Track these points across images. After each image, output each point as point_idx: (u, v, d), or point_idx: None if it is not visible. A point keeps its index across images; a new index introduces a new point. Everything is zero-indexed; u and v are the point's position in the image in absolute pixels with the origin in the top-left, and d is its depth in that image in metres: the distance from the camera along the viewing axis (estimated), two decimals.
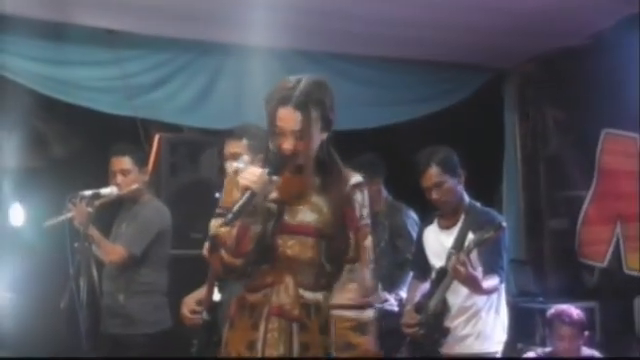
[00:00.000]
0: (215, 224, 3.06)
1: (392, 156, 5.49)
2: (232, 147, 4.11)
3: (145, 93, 5.61)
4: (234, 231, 2.93)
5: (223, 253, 2.99)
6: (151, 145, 5.68)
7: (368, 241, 3.09)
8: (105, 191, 4.69)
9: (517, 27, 5.75)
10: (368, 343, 3.00)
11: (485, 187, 6.22)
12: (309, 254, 3.01)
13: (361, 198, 3.10)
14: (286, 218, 3.02)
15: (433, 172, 4.20)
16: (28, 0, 4.94)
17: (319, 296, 3.02)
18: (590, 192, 6.33)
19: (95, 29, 5.44)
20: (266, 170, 2.91)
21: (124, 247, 4.78)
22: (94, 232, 4.63)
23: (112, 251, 4.75)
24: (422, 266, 4.44)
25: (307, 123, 2.97)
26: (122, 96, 5.53)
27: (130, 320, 4.80)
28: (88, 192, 4.60)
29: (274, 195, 3.01)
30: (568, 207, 6.59)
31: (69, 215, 4.56)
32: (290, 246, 3.01)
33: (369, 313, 3.04)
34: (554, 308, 5.00)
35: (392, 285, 4.84)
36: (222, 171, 4.26)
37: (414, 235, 4.77)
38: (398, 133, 6.34)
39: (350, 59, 6.14)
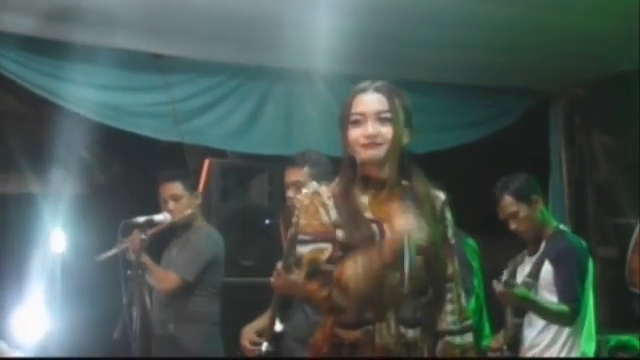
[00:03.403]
0: (309, 252, 2.75)
1: (440, 182, 5.39)
2: (293, 175, 4.04)
3: (192, 118, 5.51)
4: (359, 270, 2.63)
5: (334, 290, 2.67)
6: (196, 171, 5.62)
7: (456, 261, 2.90)
8: (158, 218, 4.60)
9: (565, 51, 5.66)
10: None
11: None
12: (416, 276, 2.69)
13: (450, 216, 2.91)
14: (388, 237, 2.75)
15: (507, 203, 4.15)
16: (77, 26, 4.88)
17: (417, 332, 2.75)
18: None
19: (143, 54, 5.36)
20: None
21: (176, 274, 4.68)
22: (147, 259, 4.54)
23: (165, 278, 4.66)
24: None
25: (392, 105, 2.79)
26: (169, 121, 5.42)
27: (182, 351, 4.70)
28: (141, 219, 4.49)
29: (369, 215, 2.78)
30: (617, 235, 6.42)
31: (123, 247, 4.48)
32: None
33: (471, 337, 2.85)
34: (616, 340, 4.88)
35: None
36: (283, 199, 4.19)
37: (473, 264, 4.68)
38: (445, 159, 6.24)
39: (397, 83, 6.02)
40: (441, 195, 2.89)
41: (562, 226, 4.44)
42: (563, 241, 4.24)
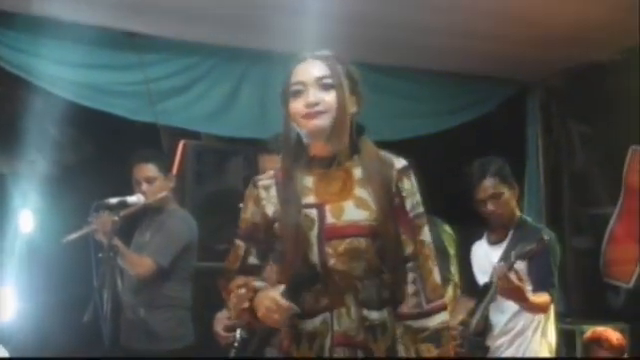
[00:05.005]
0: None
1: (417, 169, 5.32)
2: (270, 162, 3.92)
3: (167, 99, 5.38)
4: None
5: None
6: (170, 153, 5.52)
7: (425, 234, 2.64)
8: (132, 199, 4.48)
9: (544, 40, 5.62)
10: (445, 354, 2.59)
11: None
12: (365, 258, 2.55)
13: (409, 185, 2.64)
14: (331, 220, 2.58)
15: (489, 183, 4.07)
16: (50, 1, 4.74)
17: (384, 314, 2.59)
18: (616, 210, 6.18)
19: (118, 31, 5.23)
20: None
21: (151, 259, 4.57)
22: (119, 243, 4.41)
23: (139, 263, 4.54)
24: (470, 282, 4.30)
25: (334, 71, 2.60)
26: (143, 101, 5.29)
27: (153, 336, 4.61)
28: (114, 200, 4.37)
29: (311, 199, 2.62)
30: (593, 225, 6.43)
31: (92, 227, 4.35)
32: (342, 253, 2.55)
33: (441, 318, 2.60)
34: (592, 331, 4.85)
35: None
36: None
37: (451, 251, 4.62)
38: (422, 146, 6.18)
39: (377, 68, 5.95)
40: (397, 163, 2.66)
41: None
42: (535, 229, 4.18)
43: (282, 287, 2.54)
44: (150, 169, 4.70)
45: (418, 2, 4.96)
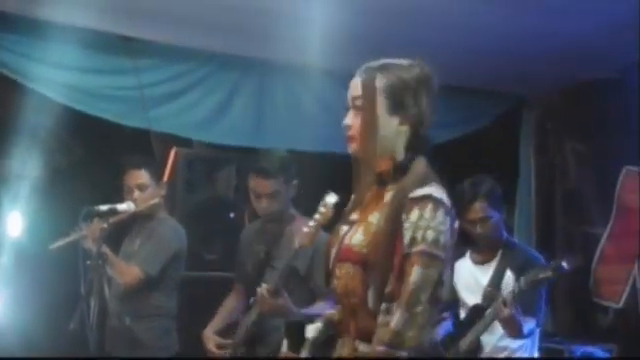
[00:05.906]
0: None
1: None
2: (266, 187, 3.95)
3: (160, 105, 5.31)
4: None
5: None
6: (161, 160, 5.47)
7: (415, 274, 2.31)
8: (122, 207, 4.39)
9: (541, 56, 5.58)
10: None
11: None
12: (353, 289, 2.43)
13: (416, 217, 2.34)
14: (346, 241, 2.51)
15: (479, 206, 4.03)
16: (45, 2, 4.68)
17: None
18: (607, 230, 6.15)
19: (112, 35, 5.15)
20: None
21: (140, 268, 4.52)
22: (107, 251, 4.36)
23: (127, 272, 4.49)
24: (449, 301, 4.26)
25: (367, 89, 2.49)
26: (136, 107, 5.22)
27: (138, 344, 4.56)
28: (104, 207, 4.30)
29: (355, 216, 2.56)
30: (583, 244, 6.39)
31: (81, 233, 4.30)
32: (339, 277, 2.49)
33: None
34: (581, 352, 4.83)
35: None
36: (251, 206, 4.09)
37: None
38: None
39: None
40: (416, 191, 2.38)
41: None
42: (524, 252, 4.20)
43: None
44: (142, 176, 4.65)
45: (417, 18, 4.94)
